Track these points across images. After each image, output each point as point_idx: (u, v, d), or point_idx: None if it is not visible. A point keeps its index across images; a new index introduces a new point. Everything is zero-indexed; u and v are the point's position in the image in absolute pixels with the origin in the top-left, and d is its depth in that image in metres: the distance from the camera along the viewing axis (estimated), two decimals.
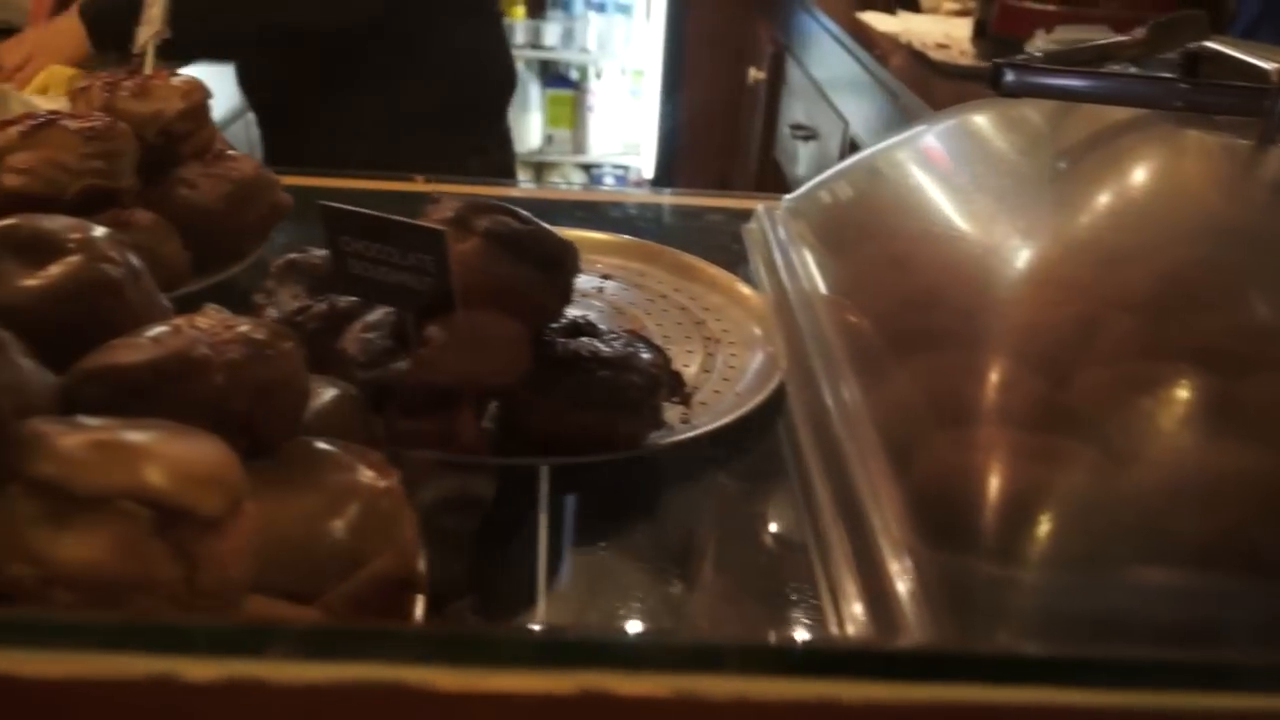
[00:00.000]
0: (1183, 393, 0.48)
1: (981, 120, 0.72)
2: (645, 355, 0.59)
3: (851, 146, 1.72)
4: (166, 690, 0.23)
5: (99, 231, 0.49)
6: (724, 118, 2.93)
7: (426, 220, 0.55)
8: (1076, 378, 0.49)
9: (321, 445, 0.45)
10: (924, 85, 1.48)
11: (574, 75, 3.31)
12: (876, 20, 1.86)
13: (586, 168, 3.39)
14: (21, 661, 0.24)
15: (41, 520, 0.33)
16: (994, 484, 0.45)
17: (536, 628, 0.43)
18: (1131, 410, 0.48)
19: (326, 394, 0.51)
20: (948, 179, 0.65)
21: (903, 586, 0.45)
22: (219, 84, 0.99)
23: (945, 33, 1.69)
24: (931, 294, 0.59)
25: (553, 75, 3.30)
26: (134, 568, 0.32)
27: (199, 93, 0.76)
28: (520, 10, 3.10)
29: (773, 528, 0.57)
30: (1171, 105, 0.54)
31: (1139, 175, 0.54)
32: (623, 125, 3.35)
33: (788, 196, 0.86)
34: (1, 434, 0.34)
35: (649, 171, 3.29)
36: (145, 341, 0.43)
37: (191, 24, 0.97)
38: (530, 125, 3.23)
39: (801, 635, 0.45)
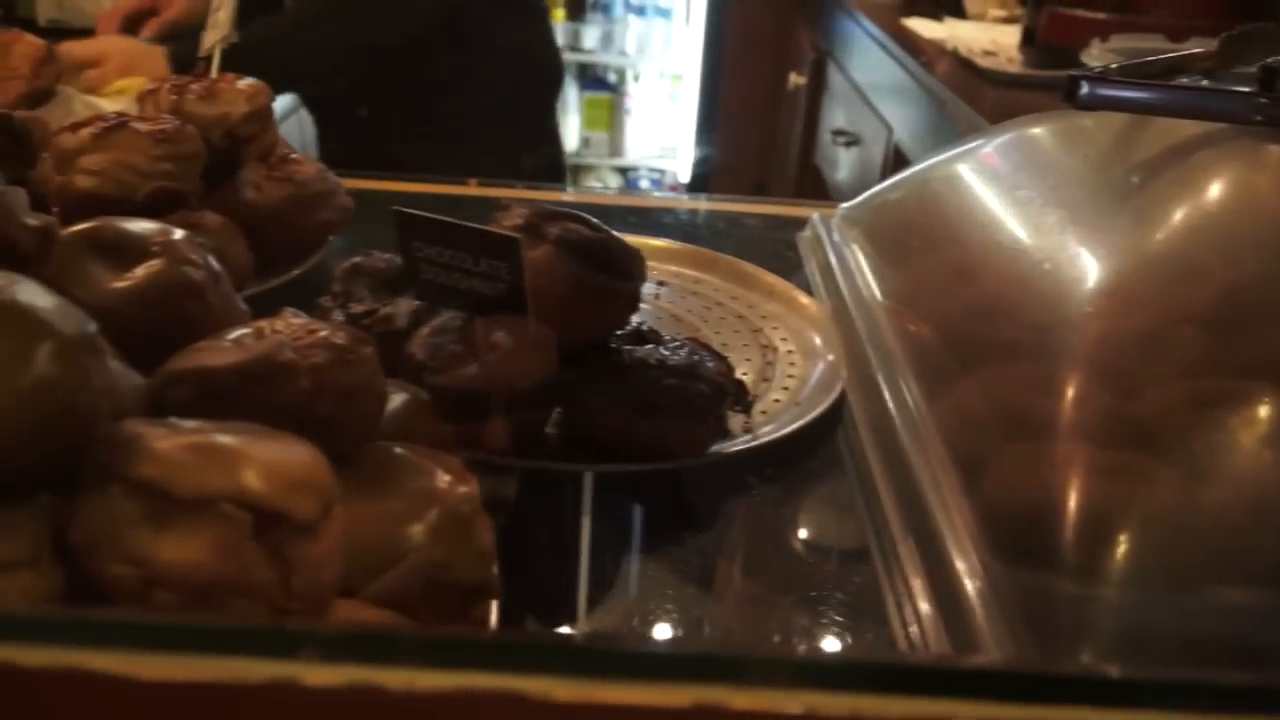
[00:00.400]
0: (1262, 409, 0.48)
1: (1045, 132, 0.71)
2: (710, 364, 0.59)
3: (896, 153, 1.71)
4: (287, 694, 0.24)
5: (179, 234, 0.50)
6: (762, 123, 2.93)
7: (497, 227, 0.56)
8: (1152, 394, 0.49)
9: (399, 450, 0.45)
10: (971, 92, 1.47)
11: (612, 78, 3.32)
12: (922, 26, 1.85)
13: (622, 171, 3.40)
14: (145, 664, 0.24)
15: (142, 521, 0.33)
16: (1071, 500, 0.45)
17: (653, 640, 0.43)
18: (1209, 427, 0.47)
19: (397, 398, 0.51)
20: (1014, 191, 0.64)
21: (978, 602, 0.44)
22: None
23: (992, 39, 1.68)
24: (999, 306, 0.58)
25: (590, 78, 3.31)
26: (233, 570, 0.33)
27: (263, 96, 0.77)
28: (560, 13, 3.11)
29: (838, 539, 0.56)
30: (1250, 120, 0.53)
31: (1216, 190, 0.53)
32: (660, 129, 3.35)
33: (844, 205, 0.86)
34: (102, 435, 0.35)
35: (685, 175, 3.29)
36: (230, 345, 0.43)
37: (267, 56, 0.99)
38: (567, 128, 3.23)
39: (881, 649, 0.45)
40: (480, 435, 0.56)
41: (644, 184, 3.40)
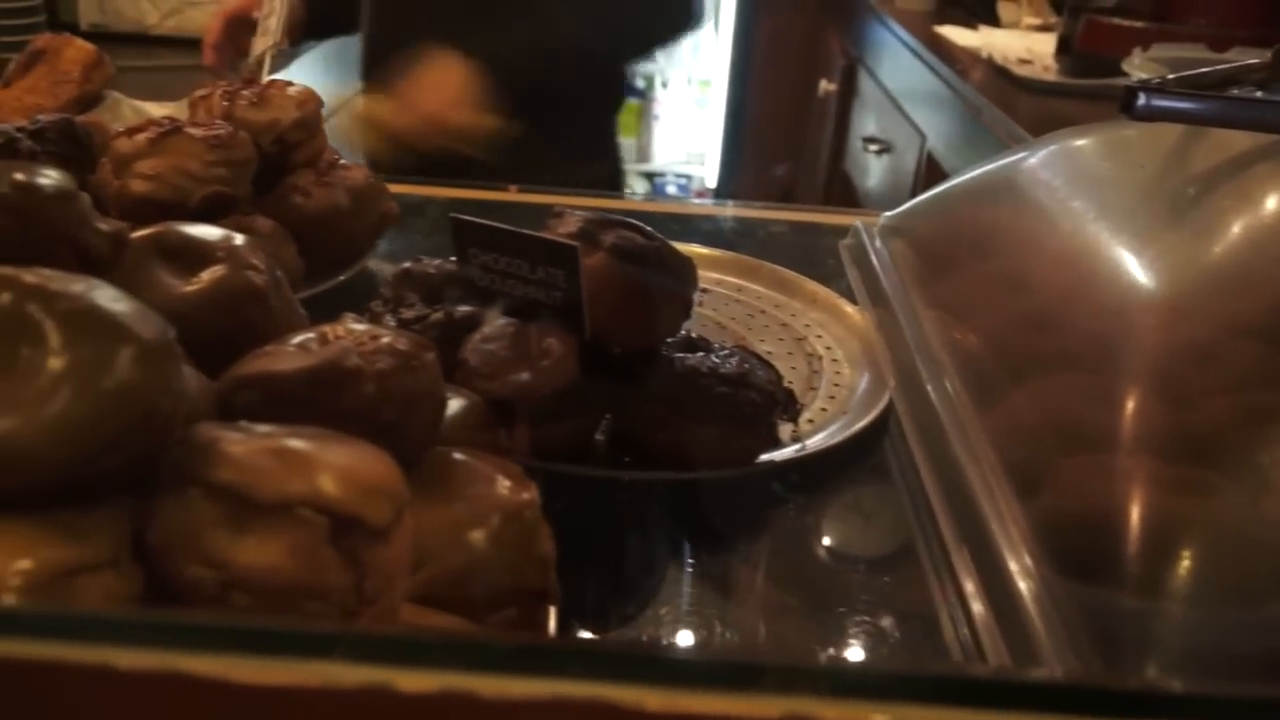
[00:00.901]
0: None
1: (1094, 144, 0.71)
2: (760, 372, 0.59)
3: (929, 160, 1.71)
4: (380, 699, 0.24)
5: (242, 240, 0.50)
6: (790, 129, 2.92)
7: (552, 234, 0.56)
8: (1211, 406, 0.49)
9: (459, 456, 0.46)
10: (1007, 100, 1.46)
11: (640, 84, 3.33)
12: (955, 34, 1.84)
13: (649, 176, 3.40)
14: (239, 667, 0.25)
15: (221, 525, 0.33)
16: (1132, 512, 0.45)
17: (745, 651, 0.43)
18: (1271, 440, 0.47)
19: (454, 404, 0.52)
20: (1066, 202, 0.64)
21: (1037, 613, 0.44)
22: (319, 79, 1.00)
23: (1027, 48, 1.67)
24: (1053, 317, 0.58)
25: None
26: (310, 574, 0.33)
27: (313, 102, 0.78)
28: None
29: (889, 549, 0.56)
30: None
31: (1274, 202, 0.53)
32: (687, 135, 3.36)
33: (886, 213, 0.86)
34: (178, 439, 0.35)
35: (712, 181, 3.29)
36: (296, 350, 0.44)
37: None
38: None
39: (955, 662, 0.45)
40: (532, 441, 0.56)
41: (671, 189, 3.40)
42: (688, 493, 0.58)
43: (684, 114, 3.34)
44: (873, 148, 2.03)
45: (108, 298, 0.35)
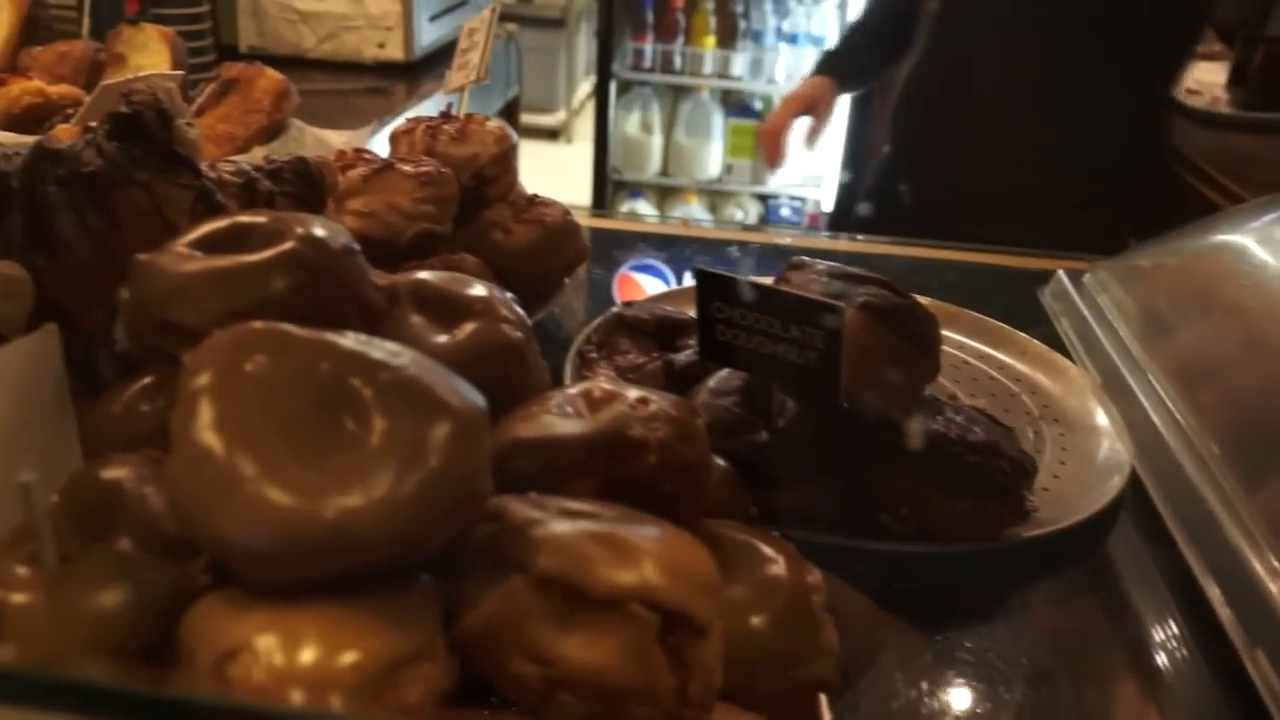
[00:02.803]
0: None
1: None
2: (1005, 439, 0.56)
3: None
4: None
5: (494, 292, 0.49)
6: None
7: (791, 285, 0.54)
8: None
9: (727, 531, 0.43)
10: (1179, 132, 1.39)
11: (758, 105, 3.30)
12: None
13: (763, 198, 3.37)
14: None
15: (548, 617, 0.31)
16: None
17: None
18: None
19: None
20: None
21: None
22: None
23: (1194, 78, 1.59)
24: None
25: (735, 105, 3.29)
26: (640, 674, 0.31)
27: (509, 138, 0.77)
28: (710, 40, 3.11)
29: (1158, 643, 0.52)
30: None
31: None
32: (805, 157, 3.31)
33: (1101, 262, 0.81)
34: (499, 522, 0.33)
35: (828, 205, 3.24)
36: (564, 414, 0.42)
37: None
38: (710, 154, 3.23)
39: None
40: (769, 505, 0.54)
41: (785, 212, 3.36)
42: (919, 566, 0.55)
43: (802, 136, 3.30)
44: None
45: (423, 367, 0.34)
